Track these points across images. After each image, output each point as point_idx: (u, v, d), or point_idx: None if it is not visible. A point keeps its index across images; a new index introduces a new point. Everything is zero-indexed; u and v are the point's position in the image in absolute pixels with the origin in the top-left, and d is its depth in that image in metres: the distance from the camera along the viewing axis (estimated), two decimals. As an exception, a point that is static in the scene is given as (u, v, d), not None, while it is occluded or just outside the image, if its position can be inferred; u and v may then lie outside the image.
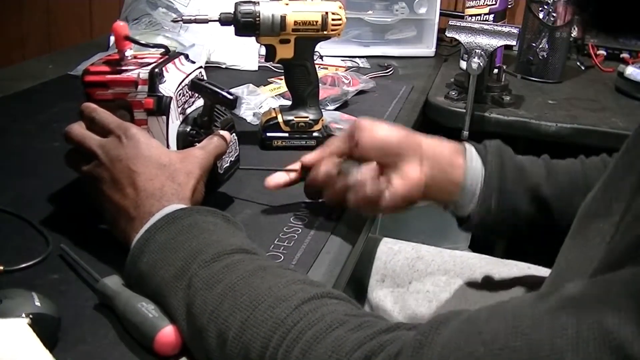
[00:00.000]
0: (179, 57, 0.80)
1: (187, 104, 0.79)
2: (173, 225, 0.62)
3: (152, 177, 0.67)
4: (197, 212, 0.64)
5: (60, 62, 1.43)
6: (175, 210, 0.64)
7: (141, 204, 0.66)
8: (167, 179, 0.68)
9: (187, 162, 0.70)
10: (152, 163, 0.68)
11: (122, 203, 0.67)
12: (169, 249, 0.60)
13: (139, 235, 0.63)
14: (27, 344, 0.51)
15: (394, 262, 0.99)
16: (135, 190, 0.66)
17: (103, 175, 0.68)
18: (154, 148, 0.69)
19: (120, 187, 0.67)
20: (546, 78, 1.61)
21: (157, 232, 0.62)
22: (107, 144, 0.69)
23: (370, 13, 1.71)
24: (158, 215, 0.64)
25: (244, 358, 0.51)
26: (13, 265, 0.67)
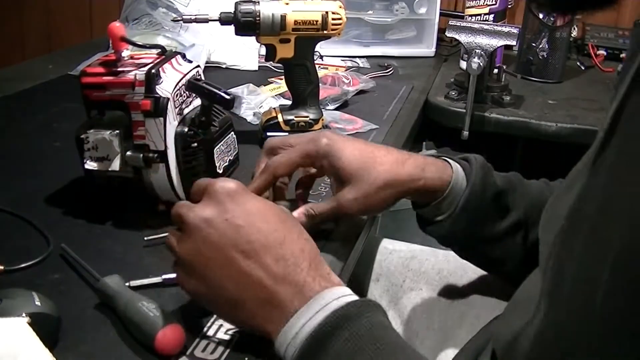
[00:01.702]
0: (175, 56, 0.80)
1: (184, 104, 0.79)
2: (346, 330, 0.50)
3: (284, 238, 0.55)
4: (367, 310, 0.52)
5: (60, 62, 1.43)
6: (346, 306, 0.52)
7: (281, 281, 0.53)
8: (300, 238, 0.56)
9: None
10: (273, 216, 0.56)
11: (250, 280, 0.53)
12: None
13: (297, 333, 0.51)
14: (27, 344, 0.51)
15: (388, 261, 0.99)
16: (264, 259, 0.53)
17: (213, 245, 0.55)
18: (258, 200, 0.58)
19: (238, 256, 0.53)
20: (546, 78, 1.61)
21: (332, 337, 0.50)
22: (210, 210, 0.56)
23: (370, 13, 1.71)
24: (317, 306, 0.52)
25: None
26: (13, 265, 0.67)
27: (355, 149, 0.72)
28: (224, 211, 0.55)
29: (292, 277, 0.53)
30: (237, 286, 0.54)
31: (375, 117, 1.20)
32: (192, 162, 0.78)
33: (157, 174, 0.77)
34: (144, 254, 0.73)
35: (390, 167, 0.72)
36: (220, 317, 0.59)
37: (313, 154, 0.72)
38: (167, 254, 0.72)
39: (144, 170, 0.78)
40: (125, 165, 0.77)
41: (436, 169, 0.75)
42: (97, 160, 0.77)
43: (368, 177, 0.71)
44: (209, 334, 0.60)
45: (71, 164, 0.82)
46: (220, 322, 0.62)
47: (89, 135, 0.77)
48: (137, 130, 0.76)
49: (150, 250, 0.73)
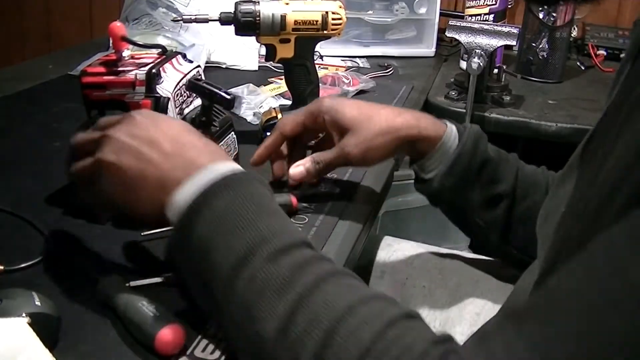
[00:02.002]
0: (176, 56, 0.80)
1: (185, 104, 0.79)
2: (232, 191, 0.55)
3: (178, 133, 0.61)
4: (255, 180, 0.58)
5: (60, 62, 1.43)
6: (234, 172, 0.57)
7: (181, 157, 0.58)
8: (195, 137, 0.61)
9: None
10: (176, 123, 0.62)
11: (152, 164, 0.58)
12: (229, 224, 0.53)
13: (188, 192, 0.56)
14: (27, 344, 0.51)
15: (392, 258, 1.00)
16: (173, 143, 0.59)
17: (116, 145, 0.60)
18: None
19: (147, 148, 0.59)
20: (546, 78, 1.61)
21: (214, 196, 0.55)
22: (117, 122, 0.62)
23: (370, 13, 1.71)
24: (210, 171, 0.57)
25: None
26: (13, 265, 0.67)
27: (354, 104, 0.82)
28: (132, 124, 0.61)
29: (184, 156, 0.58)
30: (139, 168, 0.59)
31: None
32: (192, 162, 0.78)
33: (157, 174, 0.77)
34: (144, 254, 0.72)
35: (388, 116, 0.81)
36: (119, 201, 0.62)
37: (316, 111, 0.82)
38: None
39: (144, 170, 0.77)
40: (125, 165, 0.77)
41: (432, 122, 0.82)
42: (97, 160, 0.77)
43: (367, 124, 0.80)
44: (209, 334, 0.60)
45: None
46: (221, 322, 0.62)
47: (89, 135, 0.77)
48: (137, 130, 0.76)
49: (150, 251, 0.73)
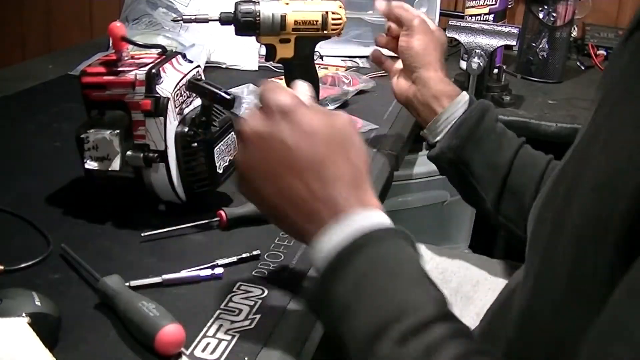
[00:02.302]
0: (176, 56, 0.80)
1: (185, 104, 0.79)
2: (374, 249, 0.53)
3: (324, 158, 0.56)
4: (401, 237, 0.56)
5: (60, 62, 1.43)
6: (379, 227, 0.55)
7: (316, 199, 0.55)
8: (341, 160, 0.57)
9: (346, 127, 0.59)
10: (319, 138, 0.57)
11: (291, 201, 0.56)
12: (365, 290, 0.52)
13: (331, 243, 0.54)
14: (27, 344, 0.51)
15: None
16: (304, 178, 0.55)
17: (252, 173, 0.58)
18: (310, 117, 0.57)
19: (282, 172, 0.56)
20: (546, 78, 1.61)
21: (356, 255, 0.53)
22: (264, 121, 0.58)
23: (370, 13, 1.71)
24: (355, 221, 0.54)
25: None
26: (13, 265, 0.67)
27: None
28: (274, 128, 0.57)
29: (327, 196, 0.55)
30: (281, 200, 0.57)
31: (375, 117, 1.20)
32: (192, 162, 0.78)
33: (157, 173, 0.77)
34: (144, 254, 0.73)
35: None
36: (272, 222, 0.62)
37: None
38: (166, 254, 0.73)
39: (144, 170, 0.78)
40: (126, 165, 0.77)
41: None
42: (97, 160, 0.77)
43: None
44: (209, 334, 0.60)
45: (71, 164, 0.83)
46: (221, 322, 0.62)
47: (89, 135, 0.77)
48: (138, 130, 0.76)
49: (150, 250, 0.73)
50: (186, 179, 0.78)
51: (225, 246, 0.75)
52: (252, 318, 0.63)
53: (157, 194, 0.79)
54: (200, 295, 0.66)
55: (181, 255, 0.73)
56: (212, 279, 0.68)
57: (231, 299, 0.65)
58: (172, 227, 0.76)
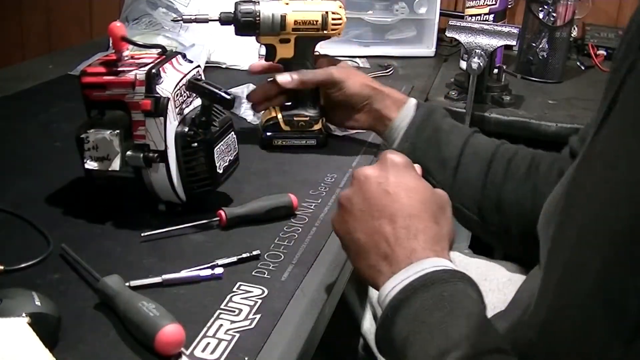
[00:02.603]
0: (176, 56, 0.80)
1: (185, 104, 0.79)
2: (431, 291, 0.57)
3: (413, 213, 0.62)
4: (459, 280, 0.58)
5: (60, 62, 1.43)
6: (435, 271, 0.58)
7: (399, 244, 0.60)
8: (430, 219, 0.62)
9: (443, 199, 0.66)
10: (417, 195, 0.63)
11: (377, 235, 0.62)
12: (424, 325, 0.55)
13: (394, 287, 0.58)
14: (27, 344, 0.51)
15: None
16: (393, 223, 0.61)
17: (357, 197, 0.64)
18: (416, 179, 0.65)
19: (377, 214, 0.62)
20: (546, 78, 1.61)
21: (413, 294, 0.57)
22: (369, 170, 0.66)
23: (370, 13, 1.71)
24: (415, 269, 0.58)
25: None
26: (13, 265, 0.67)
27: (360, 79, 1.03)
28: (382, 176, 0.64)
29: (409, 244, 0.60)
30: (367, 237, 0.62)
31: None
32: (192, 162, 0.78)
33: (157, 173, 0.77)
34: (144, 254, 0.73)
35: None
36: (349, 258, 0.67)
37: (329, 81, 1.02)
38: (166, 254, 0.73)
39: (144, 170, 0.78)
40: (125, 165, 0.77)
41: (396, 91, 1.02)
42: (97, 160, 0.77)
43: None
44: (209, 334, 0.60)
45: (71, 164, 0.83)
46: (221, 322, 0.62)
47: (89, 135, 0.77)
48: (137, 130, 0.76)
49: (150, 250, 0.73)
50: (186, 179, 0.78)
51: (225, 246, 0.75)
52: (252, 318, 0.63)
53: (157, 194, 0.79)
54: (200, 295, 0.66)
55: (181, 255, 0.73)
56: (212, 279, 0.68)
57: (231, 299, 0.65)
58: (172, 227, 0.76)
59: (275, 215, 0.81)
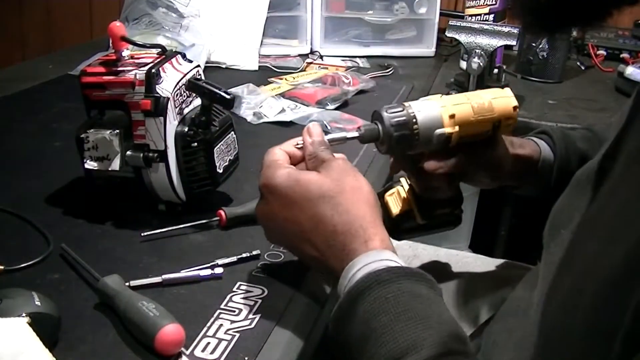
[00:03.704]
0: (176, 56, 0.80)
1: (184, 104, 0.79)
2: (375, 292, 0.55)
3: (353, 202, 0.61)
4: (403, 278, 0.57)
5: (60, 62, 1.43)
6: (381, 270, 0.57)
7: (331, 254, 0.60)
8: (365, 205, 0.61)
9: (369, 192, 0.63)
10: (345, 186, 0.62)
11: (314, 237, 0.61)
12: (372, 329, 0.54)
13: (345, 286, 0.57)
14: (27, 343, 0.51)
15: None
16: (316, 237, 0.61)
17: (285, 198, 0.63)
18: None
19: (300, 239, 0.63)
20: (546, 78, 1.61)
21: (364, 295, 0.55)
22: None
23: (370, 13, 1.71)
24: (362, 265, 0.58)
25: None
26: (13, 265, 0.67)
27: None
28: (287, 189, 0.63)
29: (334, 255, 0.60)
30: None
31: (375, 117, 1.20)
32: (192, 162, 0.78)
33: (157, 173, 0.77)
34: (144, 254, 0.73)
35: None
36: (294, 252, 0.67)
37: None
38: (166, 254, 0.73)
39: (144, 170, 0.78)
40: (125, 165, 0.77)
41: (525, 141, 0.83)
42: (97, 160, 0.78)
43: None
44: (209, 334, 0.60)
45: (71, 164, 0.83)
46: (221, 322, 0.62)
47: (89, 135, 0.77)
48: (137, 129, 0.76)
49: (150, 250, 0.73)
50: (186, 179, 0.78)
51: (225, 246, 0.75)
52: (252, 318, 0.63)
53: (157, 194, 0.79)
54: (200, 295, 0.66)
55: (181, 255, 0.73)
56: (212, 279, 0.68)
57: (231, 299, 0.65)
58: (172, 227, 0.76)
59: (275, 215, 0.81)
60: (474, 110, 0.71)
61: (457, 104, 0.70)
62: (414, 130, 0.66)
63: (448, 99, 0.71)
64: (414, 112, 0.67)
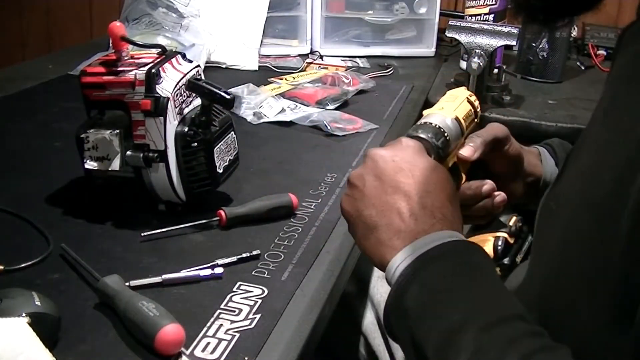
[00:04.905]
0: (176, 56, 0.80)
1: (184, 104, 0.79)
2: (450, 259, 0.55)
3: (429, 190, 0.59)
4: (476, 251, 0.57)
5: (60, 62, 1.43)
6: (454, 241, 0.56)
7: (414, 219, 0.58)
8: (446, 199, 0.60)
9: (454, 184, 0.63)
10: (429, 174, 0.60)
11: (391, 211, 0.59)
12: (444, 291, 0.53)
13: (407, 257, 0.56)
14: (27, 344, 0.51)
15: None
16: (408, 198, 0.58)
17: (370, 176, 0.61)
18: (431, 161, 0.63)
19: (391, 190, 0.59)
20: (546, 78, 1.60)
21: (431, 261, 0.55)
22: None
23: (370, 13, 1.71)
24: (431, 238, 0.56)
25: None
26: (13, 265, 0.67)
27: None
28: (396, 155, 0.62)
29: (424, 219, 0.58)
30: (378, 214, 0.59)
31: (375, 117, 1.20)
32: (192, 162, 0.78)
33: (157, 173, 0.77)
34: (144, 254, 0.73)
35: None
36: (355, 239, 0.63)
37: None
38: (166, 254, 0.73)
39: (144, 170, 0.78)
40: (125, 165, 0.77)
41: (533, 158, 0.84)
42: (97, 160, 0.78)
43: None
44: (209, 334, 0.60)
45: (71, 164, 0.83)
46: (221, 322, 0.62)
47: (89, 135, 0.77)
48: (137, 129, 0.76)
49: (150, 250, 0.73)
50: (186, 179, 0.78)
51: (225, 246, 0.75)
52: (252, 318, 0.63)
53: (157, 194, 0.79)
54: (200, 295, 0.66)
55: (181, 255, 0.73)
56: (212, 279, 0.68)
57: (231, 299, 0.65)
58: (172, 227, 0.76)
59: (275, 215, 0.81)
60: (450, 99, 0.81)
61: (441, 106, 0.79)
62: (444, 134, 0.71)
63: (433, 109, 0.78)
64: (431, 122, 0.73)
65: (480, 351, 0.48)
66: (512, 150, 0.81)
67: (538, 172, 0.84)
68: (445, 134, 0.71)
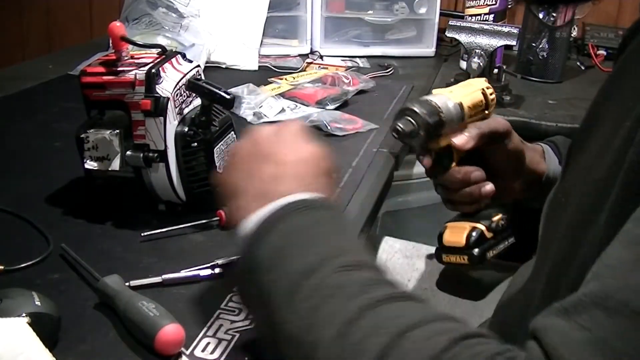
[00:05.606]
0: (176, 56, 0.80)
1: (184, 104, 0.79)
2: (312, 212, 0.54)
3: (304, 162, 0.59)
4: (340, 209, 0.57)
5: (60, 62, 1.43)
6: (318, 198, 0.55)
7: (277, 183, 0.56)
8: (319, 172, 0.59)
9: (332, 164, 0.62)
10: (309, 147, 0.60)
11: (256, 176, 0.58)
12: (303, 237, 0.52)
13: (270, 208, 0.54)
14: (27, 344, 0.51)
15: (394, 260, 1.00)
16: (277, 166, 0.58)
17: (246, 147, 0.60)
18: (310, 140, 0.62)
19: (261, 158, 0.59)
20: (546, 78, 1.60)
21: (294, 213, 0.53)
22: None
23: (370, 13, 1.71)
24: (295, 197, 0.55)
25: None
26: (13, 265, 0.67)
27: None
28: (280, 131, 0.61)
29: (288, 184, 0.56)
30: (245, 180, 0.58)
31: (375, 117, 1.20)
32: (192, 162, 0.78)
33: (157, 173, 0.77)
34: (144, 254, 0.73)
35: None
36: (228, 202, 0.60)
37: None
38: (166, 254, 0.73)
39: (144, 170, 0.78)
40: (125, 165, 0.77)
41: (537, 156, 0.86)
42: (97, 160, 0.78)
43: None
44: (209, 334, 0.60)
45: (71, 164, 0.83)
46: (221, 322, 0.62)
47: (89, 135, 0.77)
48: (137, 129, 0.76)
49: (150, 250, 0.73)
50: (186, 179, 0.78)
51: (225, 246, 0.75)
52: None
53: (157, 193, 0.79)
54: (200, 295, 0.66)
55: (181, 255, 0.73)
56: (212, 279, 0.68)
57: (231, 299, 0.65)
58: (172, 227, 0.76)
59: (275, 215, 0.81)
60: (464, 86, 0.83)
61: (452, 89, 0.81)
62: (440, 114, 0.72)
63: (442, 90, 0.80)
64: (431, 100, 0.74)
65: (339, 286, 0.47)
66: (512, 146, 0.81)
67: (541, 169, 0.84)
68: (441, 115, 0.72)
